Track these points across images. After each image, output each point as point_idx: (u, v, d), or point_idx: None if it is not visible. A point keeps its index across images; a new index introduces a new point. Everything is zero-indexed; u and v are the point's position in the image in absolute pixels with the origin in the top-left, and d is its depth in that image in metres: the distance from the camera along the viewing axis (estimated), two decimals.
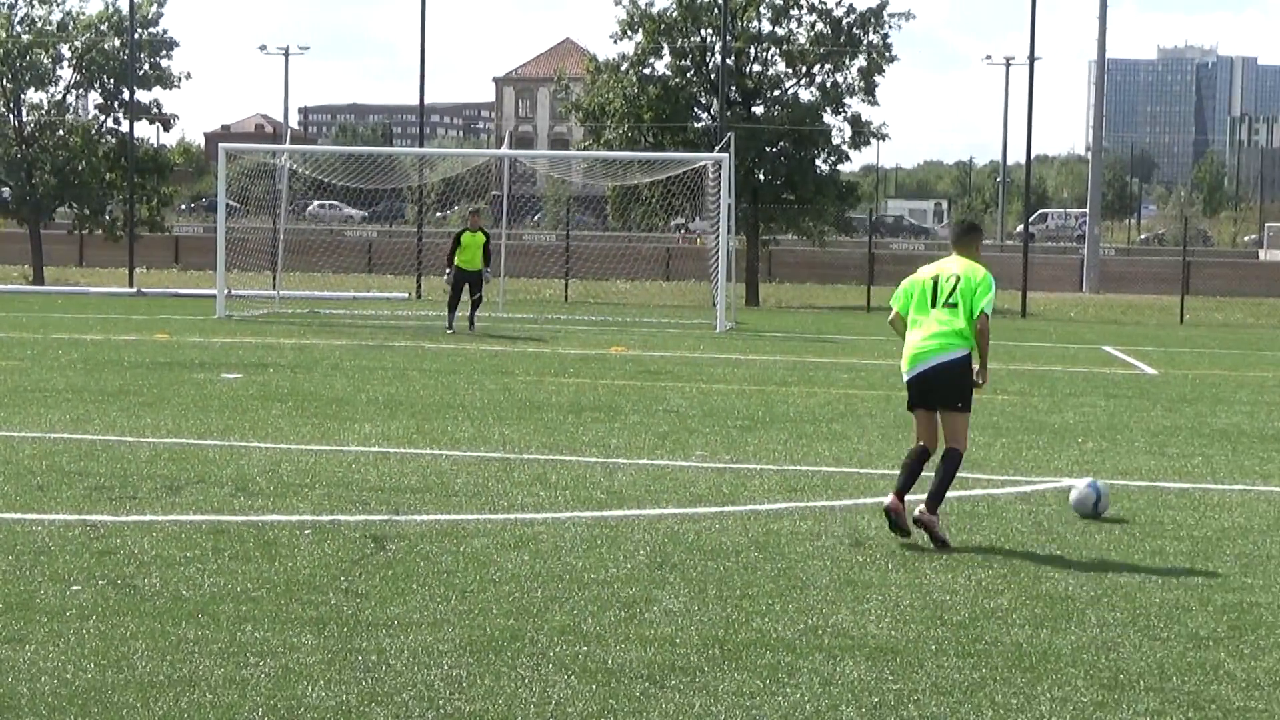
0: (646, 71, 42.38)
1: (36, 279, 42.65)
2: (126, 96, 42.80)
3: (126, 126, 43.36)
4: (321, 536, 9.19)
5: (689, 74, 42.33)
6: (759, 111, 42.50)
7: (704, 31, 42.05)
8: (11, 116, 43.24)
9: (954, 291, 9.48)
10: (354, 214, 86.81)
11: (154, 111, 43.91)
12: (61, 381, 17.28)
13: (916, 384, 9.59)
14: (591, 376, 19.50)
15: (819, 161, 42.19)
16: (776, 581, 8.34)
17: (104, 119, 43.89)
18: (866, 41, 42.01)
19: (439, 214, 69.57)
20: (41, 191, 42.80)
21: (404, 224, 77.37)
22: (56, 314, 29.51)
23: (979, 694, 6.47)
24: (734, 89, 42.04)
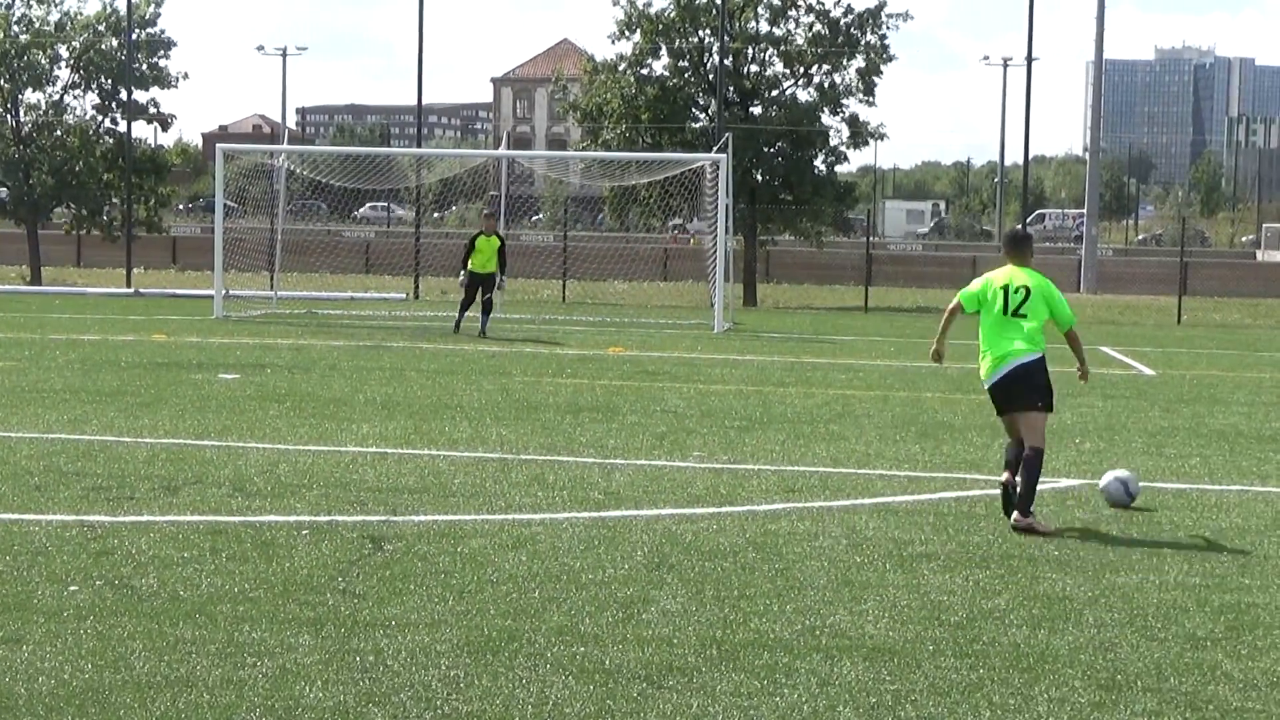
0: (644, 72, 42.35)
1: (34, 279, 42.61)
2: (124, 97, 42.77)
3: (124, 127, 43.36)
4: (319, 537, 9.19)
5: (687, 74, 42.29)
6: (757, 112, 42.47)
7: (702, 32, 42.02)
8: (9, 117, 43.18)
9: (1024, 303, 10.18)
10: (403, 214, 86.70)
11: (152, 112, 43.85)
12: (59, 382, 17.27)
13: (1000, 387, 10.18)
14: (589, 377, 19.49)
15: (817, 162, 42.20)
16: (774, 582, 8.34)
17: (102, 119, 43.83)
18: (864, 42, 42.01)
19: (436, 214, 69.60)
20: (39, 192, 42.75)
21: (441, 223, 77.87)
22: (54, 314, 29.48)
23: (976, 694, 6.48)
24: (732, 89, 42.02)
